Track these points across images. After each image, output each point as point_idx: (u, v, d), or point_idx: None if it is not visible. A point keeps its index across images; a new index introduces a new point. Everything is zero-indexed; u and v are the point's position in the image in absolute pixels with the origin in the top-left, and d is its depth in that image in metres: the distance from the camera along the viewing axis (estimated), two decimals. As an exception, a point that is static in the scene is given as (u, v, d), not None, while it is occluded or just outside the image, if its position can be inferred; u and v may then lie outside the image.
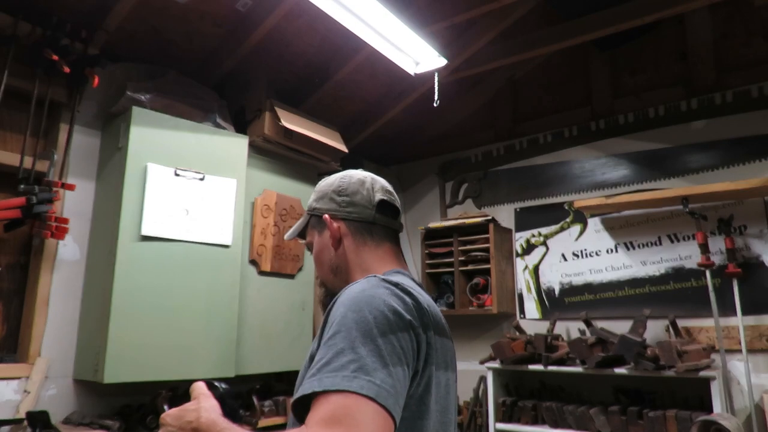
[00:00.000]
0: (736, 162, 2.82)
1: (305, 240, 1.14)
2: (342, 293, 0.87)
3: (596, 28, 2.74)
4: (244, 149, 2.61)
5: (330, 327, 0.79)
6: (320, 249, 1.07)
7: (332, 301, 0.88)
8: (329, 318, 0.83)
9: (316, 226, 1.09)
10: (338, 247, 1.04)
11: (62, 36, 2.16)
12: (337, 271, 1.05)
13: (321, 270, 1.08)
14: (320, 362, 0.74)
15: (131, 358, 2.08)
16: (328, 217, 1.05)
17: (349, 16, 2.25)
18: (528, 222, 3.45)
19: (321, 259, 1.07)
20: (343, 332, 0.76)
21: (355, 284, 0.89)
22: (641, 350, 2.52)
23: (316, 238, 1.08)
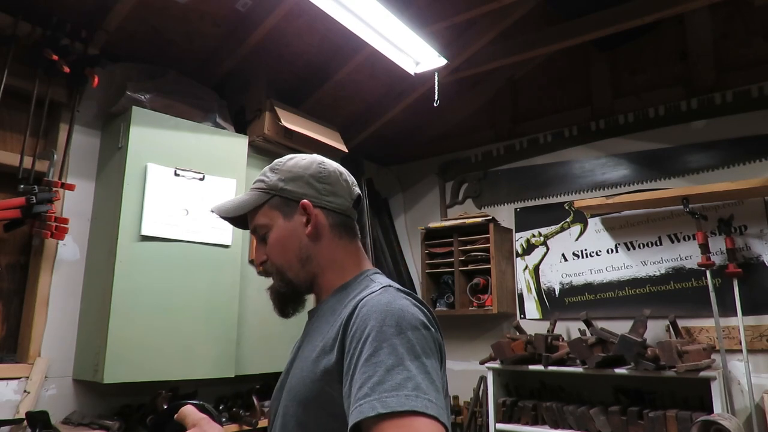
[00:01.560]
0: (736, 162, 2.82)
1: (251, 220, 1.01)
2: (364, 304, 0.82)
3: (596, 28, 2.74)
4: (244, 149, 2.61)
5: (365, 342, 0.76)
6: (286, 235, 0.97)
7: (352, 313, 0.82)
8: (356, 331, 0.79)
9: (279, 208, 0.98)
10: (315, 237, 0.97)
11: (62, 36, 2.16)
12: (306, 262, 0.97)
13: (284, 257, 0.97)
14: (371, 380, 0.70)
15: (131, 358, 2.08)
16: (309, 204, 0.97)
17: (349, 16, 2.25)
18: (528, 222, 3.45)
19: (286, 246, 0.97)
20: (386, 348, 0.73)
21: (376, 294, 0.84)
22: (641, 350, 2.51)
23: (279, 221, 0.98)
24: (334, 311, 0.91)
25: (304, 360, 0.89)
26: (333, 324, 0.87)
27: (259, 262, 1.00)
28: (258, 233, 1.00)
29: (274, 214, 0.99)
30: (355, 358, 0.75)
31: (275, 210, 0.99)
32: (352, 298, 0.89)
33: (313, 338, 0.92)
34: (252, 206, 1.00)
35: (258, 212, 0.99)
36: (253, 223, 1.01)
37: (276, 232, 0.98)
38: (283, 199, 0.98)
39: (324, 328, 0.90)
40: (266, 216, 0.99)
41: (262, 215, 0.99)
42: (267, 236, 0.98)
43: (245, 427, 2.42)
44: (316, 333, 0.92)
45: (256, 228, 1.00)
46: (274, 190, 0.99)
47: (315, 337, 0.91)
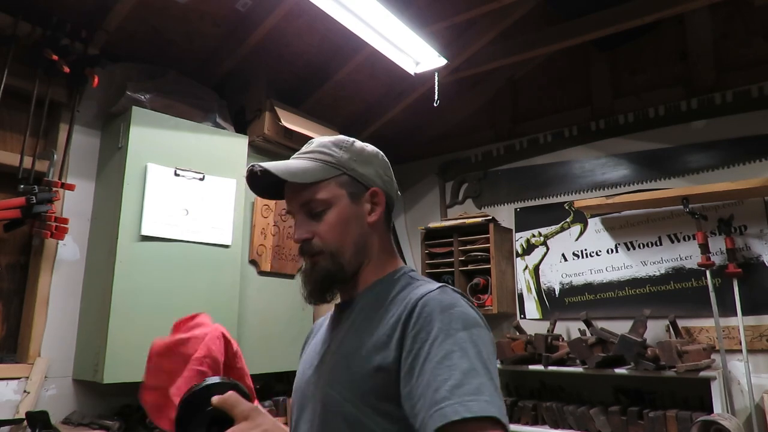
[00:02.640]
0: (736, 162, 2.81)
1: (304, 193, 0.91)
2: (426, 303, 0.80)
3: (596, 28, 2.74)
4: (244, 149, 2.61)
5: (433, 343, 0.74)
6: (349, 218, 0.91)
7: (412, 311, 0.80)
8: (419, 331, 0.77)
9: (347, 187, 0.92)
10: (374, 226, 0.94)
11: (62, 36, 2.16)
12: (361, 249, 0.92)
13: (341, 240, 0.91)
14: (448, 383, 0.70)
15: (131, 358, 2.08)
16: (381, 192, 0.94)
17: (349, 16, 2.25)
18: (528, 222, 3.45)
19: (347, 229, 0.91)
20: (458, 351, 0.73)
21: (436, 294, 0.82)
22: (641, 350, 2.51)
23: (344, 201, 0.91)
24: (376, 307, 0.88)
25: (348, 355, 0.85)
26: (382, 320, 0.84)
27: (302, 238, 0.91)
28: (310, 208, 0.91)
29: (340, 192, 0.92)
30: (422, 359, 0.74)
31: (342, 188, 0.92)
32: (398, 294, 0.88)
33: (357, 332, 0.87)
34: (319, 177, 0.91)
35: (319, 186, 0.91)
36: (309, 197, 0.91)
37: (338, 212, 0.91)
38: (352, 179, 0.93)
39: (369, 324, 0.86)
40: (329, 192, 0.91)
41: (324, 190, 0.91)
42: (324, 213, 0.91)
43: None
44: (358, 327, 0.88)
45: (310, 202, 0.91)
46: (344, 168, 0.93)
47: (359, 332, 0.87)
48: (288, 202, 0.95)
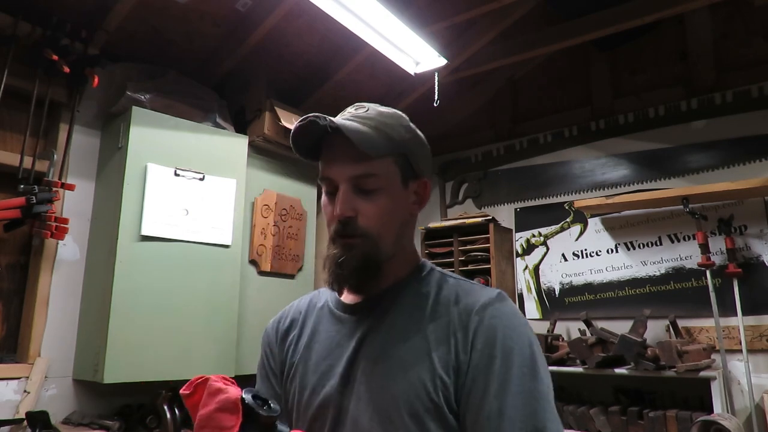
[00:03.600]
0: (736, 162, 2.81)
1: (360, 163, 0.80)
2: (493, 315, 0.76)
3: (596, 28, 2.74)
4: (244, 149, 2.60)
5: (504, 359, 0.72)
6: (398, 202, 0.84)
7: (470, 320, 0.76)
8: (485, 345, 0.74)
9: (402, 171, 0.84)
10: (413, 217, 0.89)
11: (62, 36, 2.16)
12: (399, 238, 0.85)
13: (386, 225, 0.82)
14: (518, 411, 0.68)
15: (131, 358, 2.08)
16: (430, 185, 0.89)
17: (349, 16, 2.25)
18: (528, 222, 3.45)
19: (394, 215, 0.83)
20: (528, 374, 0.72)
21: (497, 302, 0.78)
22: (641, 350, 2.51)
23: (396, 184, 0.83)
24: (419, 307, 0.81)
25: (400, 361, 0.77)
26: (433, 323, 0.78)
27: (344, 215, 0.80)
28: (363, 183, 0.81)
29: (395, 174, 0.83)
30: (490, 375, 0.71)
31: (397, 170, 0.83)
32: (441, 294, 0.82)
33: (404, 335, 0.79)
34: (383, 152, 0.81)
35: (378, 161, 0.81)
36: (365, 170, 0.80)
37: (390, 195, 0.82)
38: (407, 163, 0.85)
39: (417, 326, 0.79)
40: (386, 170, 0.82)
41: (380, 165, 0.81)
42: (375, 193, 0.81)
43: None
44: (402, 330, 0.80)
45: (365, 176, 0.81)
46: (405, 150, 0.85)
47: (406, 335, 0.79)
48: (333, 169, 0.83)
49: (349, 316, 0.86)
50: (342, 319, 0.87)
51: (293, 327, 0.94)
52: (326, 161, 0.85)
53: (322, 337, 0.87)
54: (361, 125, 0.80)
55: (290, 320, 0.95)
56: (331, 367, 0.83)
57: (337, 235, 0.82)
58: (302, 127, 0.81)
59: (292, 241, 2.82)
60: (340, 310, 0.88)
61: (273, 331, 0.97)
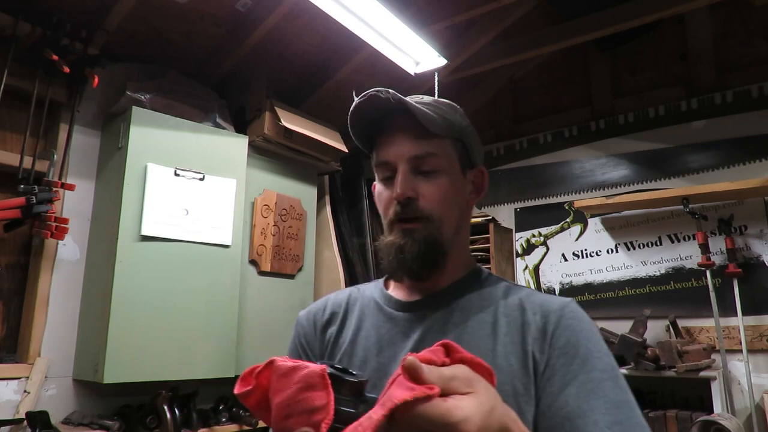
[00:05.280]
0: (736, 162, 2.82)
1: (423, 143, 0.78)
2: (571, 316, 0.73)
3: (596, 28, 2.74)
4: (244, 149, 2.60)
5: (584, 362, 0.68)
6: (457, 189, 0.81)
7: (548, 322, 0.72)
8: (565, 344, 0.70)
9: (460, 157, 0.82)
10: (470, 211, 0.86)
11: (62, 36, 2.16)
12: (457, 231, 0.81)
13: (448, 210, 0.79)
14: (605, 417, 0.64)
15: (131, 358, 2.08)
16: (486, 173, 0.86)
17: (349, 16, 2.25)
18: (528, 222, 3.45)
19: (455, 200, 0.80)
20: (609, 381, 0.68)
21: (572, 304, 0.75)
22: (641, 350, 2.51)
23: (456, 169, 0.81)
24: (486, 310, 0.77)
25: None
26: (500, 326, 0.75)
27: (405, 195, 0.76)
28: (423, 163, 0.79)
29: (454, 158, 0.81)
30: (571, 382, 0.67)
31: (456, 154, 0.82)
32: (507, 297, 0.78)
33: (474, 337, 0.75)
34: (444, 133, 0.79)
35: (439, 142, 0.79)
36: (427, 150, 0.78)
37: (450, 179, 0.80)
38: (465, 150, 0.83)
39: (492, 329, 0.75)
40: (445, 151, 0.80)
41: (440, 146, 0.79)
42: (435, 174, 0.79)
43: (245, 427, 2.42)
44: (473, 332, 0.76)
45: (427, 156, 0.78)
46: (462, 136, 0.83)
47: (478, 337, 0.75)
48: (392, 150, 0.80)
49: (403, 314, 0.81)
50: (394, 317, 0.82)
51: (333, 320, 0.88)
52: (384, 144, 0.82)
53: (369, 334, 0.82)
54: (420, 106, 0.78)
55: (330, 313, 0.90)
56: (382, 365, 0.78)
57: (396, 218, 0.78)
58: (362, 105, 0.79)
59: (292, 241, 2.82)
60: (391, 307, 0.83)
61: (309, 323, 0.91)
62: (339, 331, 0.86)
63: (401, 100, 0.76)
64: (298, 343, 0.91)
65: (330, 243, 3.08)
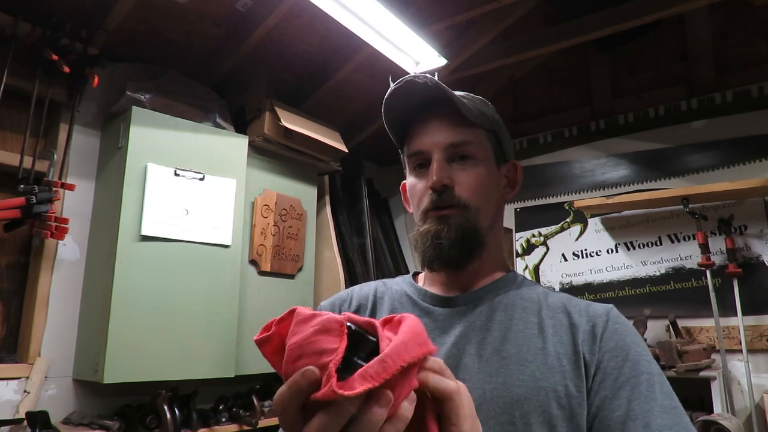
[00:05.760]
0: (736, 162, 2.81)
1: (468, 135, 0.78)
2: (616, 321, 0.72)
3: (596, 28, 2.74)
4: (244, 149, 2.60)
5: (634, 366, 0.68)
6: (493, 179, 0.80)
7: (596, 326, 0.71)
8: (614, 348, 0.70)
9: (493, 147, 0.82)
10: (504, 203, 0.85)
11: (62, 36, 2.16)
12: (495, 221, 0.81)
13: (485, 196, 0.78)
14: (665, 420, 0.64)
15: (131, 358, 2.08)
16: (521, 169, 0.86)
17: (349, 16, 2.25)
18: (528, 222, 3.45)
19: (490, 187, 0.79)
20: (657, 385, 0.68)
21: (615, 310, 0.75)
22: (641, 350, 2.51)
23: (491, 160, 0.81)
24: (527, 309, 0.76)
25: (515, 362, 0.70)
26: (547, 326, 0.74)
27: (442, 183, 0.75)
28: (459, 151, 0.78)
29: (489, 148, 0.81)
30: (623, 386, 0.67)
31: (489, 144, 0.81)
32: (547, 299, 0.77)
33: (517, 335, 0.73)
34: (479, 121, 0.79)
35: (475, 131, 0.79)
36: (463, 137, 0.77)
37: (486, 168, 0.79)
38: (498, 142, 0.83)
39: (529, 327, 0.74)
40: (480, 140, 0.79)
41: (476, 134, 0.79)
42: (470, 162, 0.78)
43: (245, 427, 2.42)
44: (516, 330, 0.74)
45: (463, 144, 0.77)
46: (496, 128, 0.82)
47: (521, 335, 0.73)
48: (426, 139, 0.78)
49: (441, 309, 0.79)
50: (431, 312, 0.79)
51: (361, 312, 0.84)
52: (417, 134, 0.80)
53: None
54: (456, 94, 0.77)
55: (357, 304, 0.85)
56: None
57: (432, 206, 0.76)
58: (399, 90, 0.77)
59: (292, 241, 2.82)
60: (428, 301, 0.81)
61: (335, 312, 0.89)
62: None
63: (438, 84, 0.75)
64: None
65: (330, 243, 3.08)
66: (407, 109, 0.81)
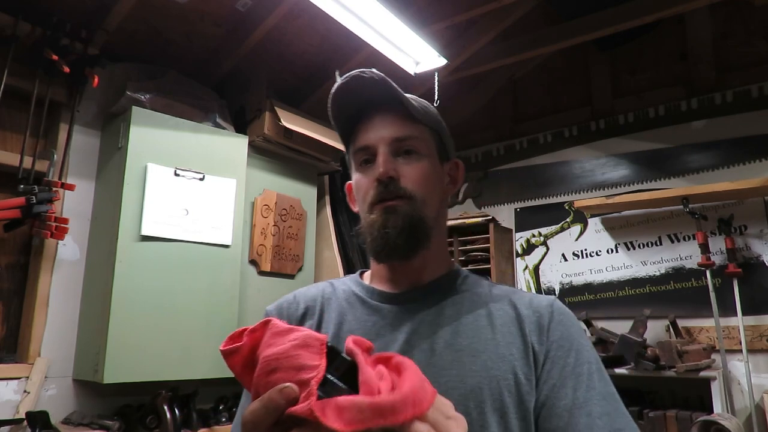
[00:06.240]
0: (736, 162, 2.82)
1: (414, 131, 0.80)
2: (561, 312, 0.77)
3: (596, 28, 2.74)
4: (244, 149, 2.60)
5: (578, 356, 0.73)
6: (437, 175, 0.82)
7: (542, 316, 0.75)
8: (560, 338, 0.74)
9: (437, 145, 0.84)
10: (446, 201, 0.86)
11: (62, 36, 2.16)
12: (439, 217, 0.82)
13: (430, 190, 0.80)
14: (604, 407, 0.69)
15: (131, 358, 2.08)
16: (463, 168, 0.88)
17: (349, 16, 2.25)
18: (528, 222, 3.45)
19: (434, 182, 0.81)
20: (596, 373, 0.73)
21: (558, 301, 0.79)
22: (641, 350, 2.52)
23: (434, 157, 0.83)
24: (474, 303, 0.78)
25: (468, 355, 0.72)
26: (495, 318, 0.76)
27: (387, 174, 0.76)
28: (405, 145, 0.79)
29: (432, 146, 0.83)
30: (569, 375, 0.71)
31: (433, 141, 0.83)
32: (491, 292, 0.80)
33: (468, 329, 0.75)
34: (424, 120, 0.81)
35: (420, 127, 0.81)
36: (409, 132, 0.79)
37: (430, 163, 0.81)
38: (441, 141, 0.85)
39: (479, 319, 0.76)
40: (424, 136, 0.81)
41: (421, 130, 0.81)
42: (415, 157, 0.79)
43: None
44: (465, 324, 0.76)
45: (408, 138, 0.79)
46: (438, 128, 0.85)
47: (471, 327, 0.75)
48: (372, 134, 0.80)
49: (390, 306, 0.80)
50: (380, 309, 0.80)
51: (310, 314, 0.83)
52: (363, 130, 0.81)
53: (352, 327, 0.79)
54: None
55: (304, 306, 0.85)
56: None
57: (378, 198, 0.77)
58: (346, 86, 0.78)
59: (292, 241, 2.82)
60: (376, 299, 0.81)
61: (282, 318, 0.85)
62: (318, 325, 0.82)
63: (385, 80, 0.76)
64: None
65: (330, 243, 3.08)
66: (354, 105, 0.81)
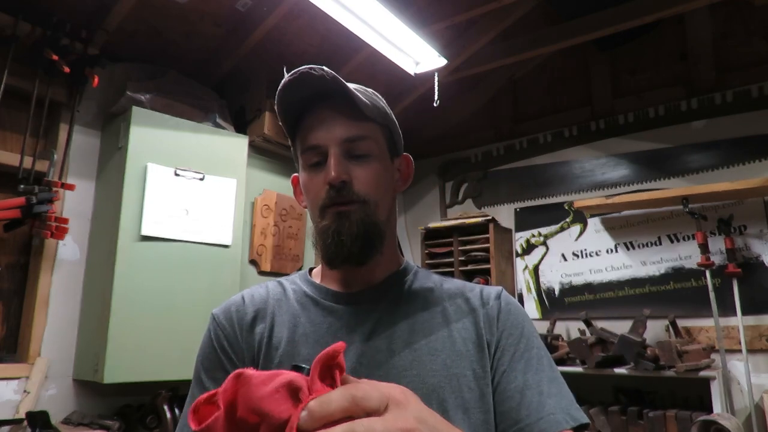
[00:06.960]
0: (736, 162, 2.81)
1: (354, 126, 0.76)
2: (508, 302, 0.80)
3: (596, 28, 2.74)
4: (244, 149, 2.61)
5: (527, 344, 0.76)
6: (388, 174, 0.81)
7: (492, 307, 0.78)
8: (511, 327, 0.77)
9: (387, 142, 0.82)
10: (395, 198, 0.85)
11: (62, 36, 2.16)
12: (390, 216, 0.82)
13: (382, 191, 0.78)
14: (552, 388, 0.73)
15: (131, 358, 2.08)
16: (412, 163, 0.88)
17: (349, 16, 2.25)
18: (528, 222, 3.45)
19: (386, 183, 0.80)
20: (545, 358, 0.77)
21: (506, 292, 0.82)
22: (641, 350, 2.51)
23: (385, 155, 0.81)
24: (428, 299, 0.79)
25: (426, 353, 0.73)
26: (449, 312, 0.77)
27: (339, 178, 0.73)
28: (356, 147, 0.76)
29: (383, 144, 0.80)
30: (518, 360, 0.75)
31: (383, 139, 0.81)
32: (442, 287, 0.82)
33: (423, 325, 0.76)
34: (376, 117, 0.78)
35: (371, 126, 0.78)
36: (360, 133, 0.76)
37: (381, 164, 0.79)
38: (391, 137, 0.83)
39: (434, 316, 0.77)
40: (376, 134, 0.79)
41: (372, 129, 0.78)
42: (367, 158, 0.77)
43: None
44: (419, 320, 0.76)
45: (360, 139, 0.76)
46: (388, 122, 0.83)
47: (427, 323, 0.76)
48: (322, 133, 0.76)
49: (344, 307, 0.78)
50: (335, 310, 0.78)
51: (259, 320, 0.80)
52: (312, 128, 0.77)
53: (307, 330, 0.77)
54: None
55: (254, 310, 0.81)
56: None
57: (330, 203, 0.74)
58: (293, 83, 0.74)
59: (292, 241, 2.82)
60: (330, 300, 0.79)
61: (230, 322, 0.81)
62: (270, 330, 0.78)
63: (335, 77, 0.72)
64: (217, 346, 0.80)
65: (330, 243, 3.07)
66: (302, 98, 0.78)
